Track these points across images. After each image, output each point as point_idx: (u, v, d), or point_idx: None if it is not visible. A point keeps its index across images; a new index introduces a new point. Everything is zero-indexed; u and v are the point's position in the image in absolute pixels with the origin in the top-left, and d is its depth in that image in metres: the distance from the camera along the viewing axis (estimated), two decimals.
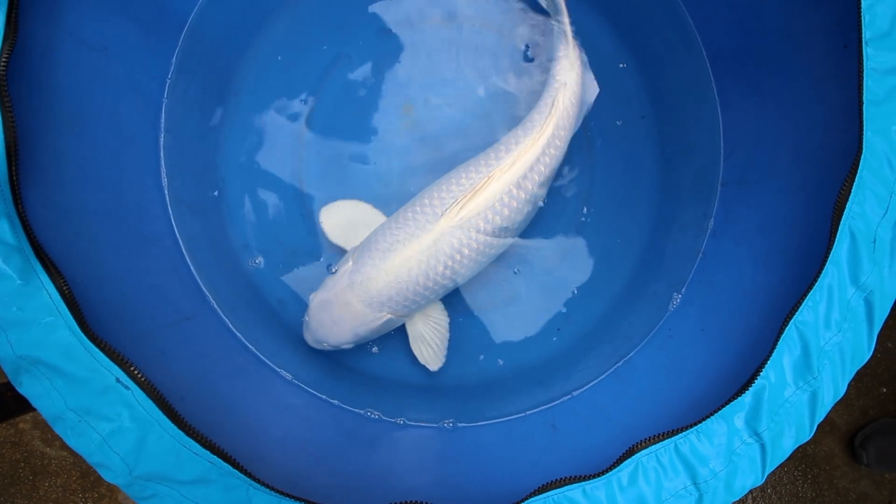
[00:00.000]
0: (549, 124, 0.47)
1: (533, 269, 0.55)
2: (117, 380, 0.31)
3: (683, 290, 0.54)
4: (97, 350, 0.31)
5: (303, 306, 0.53)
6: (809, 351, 0.35)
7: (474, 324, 0.55)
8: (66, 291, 0.32)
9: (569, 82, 0.49)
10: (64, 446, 0.78)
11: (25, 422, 0.76)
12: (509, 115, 0.56)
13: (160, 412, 0.31)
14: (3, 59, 0.33)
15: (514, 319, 0.55)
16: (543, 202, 0.52)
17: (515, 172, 0.46)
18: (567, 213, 0.56)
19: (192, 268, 0.51)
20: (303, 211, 0.54)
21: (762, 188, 0.50)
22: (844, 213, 0.36)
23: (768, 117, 0.50)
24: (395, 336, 0.53)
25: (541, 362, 0.56)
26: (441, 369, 0.52)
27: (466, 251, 0.46)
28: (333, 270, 0.48)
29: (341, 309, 0.46)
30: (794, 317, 0.35)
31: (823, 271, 0.35)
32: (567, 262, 0.56)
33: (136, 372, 0.31)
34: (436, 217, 0.45)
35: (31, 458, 0.79)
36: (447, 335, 0.51)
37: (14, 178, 0.33)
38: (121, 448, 0.31)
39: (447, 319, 0.51)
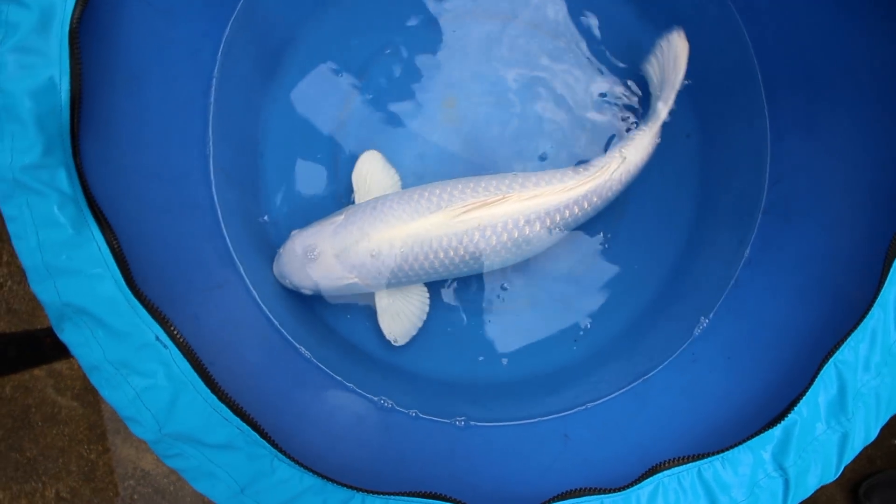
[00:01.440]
0: (585, 185, 0.47)
1: (558, 275, 0.55)
2: (157, 338, 0.31)
3: (711, 315, 0.54)
4: (140, 306, 0.31)
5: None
6: (846, 391, 0.34)
7: (489, 324, 0.54)
8: (116, 246, 0.32)
9: (630, 160, 0.48)
10: (75, 397, 0.79)
11: (41, 369, 0.77)
12: (553, 137, 0.55)
13: (195, 374, 0.31)
14: (77, 14, 0.33)
15: (533, 324, 0.55)
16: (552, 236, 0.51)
17: (530, 207, 0.45)
18: (598, 223, 0.55)
19: (226, 237, 0.52)
20: (336, 192, 0.55)
21: (806, 221, 0.50)
22: None
23: (820, 149, 0.49)
24: (419, 330, 0.53)
25: (556, 370, 0.55)
26: (454, 367, 0.52)
27: (451, 253, 0.45)
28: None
29: (314, 255, 0.46)
30: (835, 355, 0.34)
31: (870, 313, 0.34)
32: (593, 273, 0.56)
33: (175, 332, 0.31)
34: (437, 208, 0.45)
35: (42, 405, 0.81)
36: (422, 315, 0.51)
37: (75, 129, 0.33)
38: (153, 405, 0.31)
39: (425, 300, 0.51)
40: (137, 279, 0.33)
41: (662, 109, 0.49)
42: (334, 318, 0.54)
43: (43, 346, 0.37)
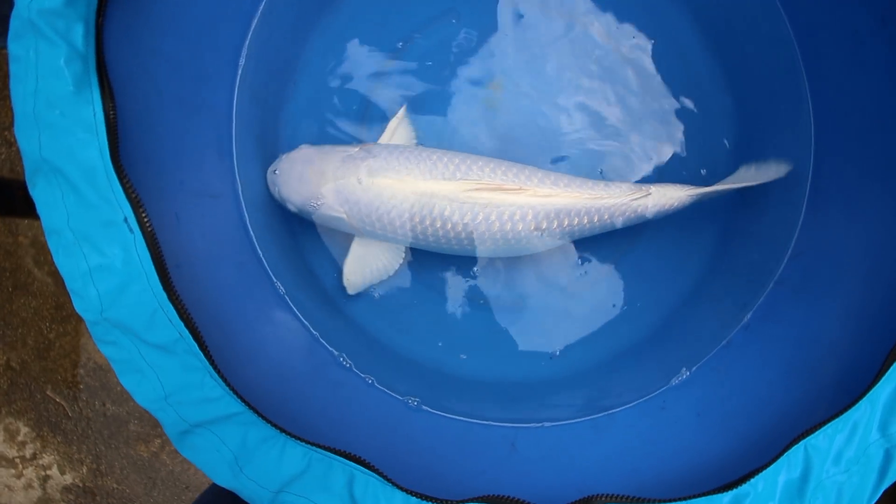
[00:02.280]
0: (601, 200, 0.45)
1: (554, 286, 0.53)
2: (125, 219, 0.30)
3: (694, 368, 0.52)
4: (117, 182, 0.30)
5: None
6: (809, 478, 0.32)
7: (464, 314, 0.53)
8: (112, 116, 0.31)
9: (652, 200, 0.46)
10: (51, 273, 0.79)
11: (26, 236, 0.77)
12: (582, 147, 0.53)
13: (152, 266, 0.30)
14: None
15: (511, 329, 0.53)
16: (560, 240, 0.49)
17: (542, 204, 0.44)
18: (609, 247, 0.53)
19: (234, 152, 0.50)
20: (357, 140, 0.53)
21: (817, 300, 0.47)
22: None
23: (853, 232, 0.47)
24: (403, 303, 0.51)
25: (522, 381, 0.54)
26: (416, 345, 0.50)
27: (448, 226, 0.44)
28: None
29: (315, 175, 0.44)
30: (809, 438, 0.32)
31: (857, 405, 0.32)
32: (590, 295, 0.54)
33: (145, 219, 0.30)
34: (451, 177, 0.43)
35: (17, 271, 0.80)
36: (384, 274, 0.49)
37: None
38: (102, 285, 0.30)
39: (397, 262, 0.49)
40: (126, 160, 0.32)
41: (715, 189, 0.48)
42: (318, 263, 0.53)
43: (14, 198, 0.36)
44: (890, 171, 0.45)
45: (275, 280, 0.50)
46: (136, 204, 0.30)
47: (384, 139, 0.50)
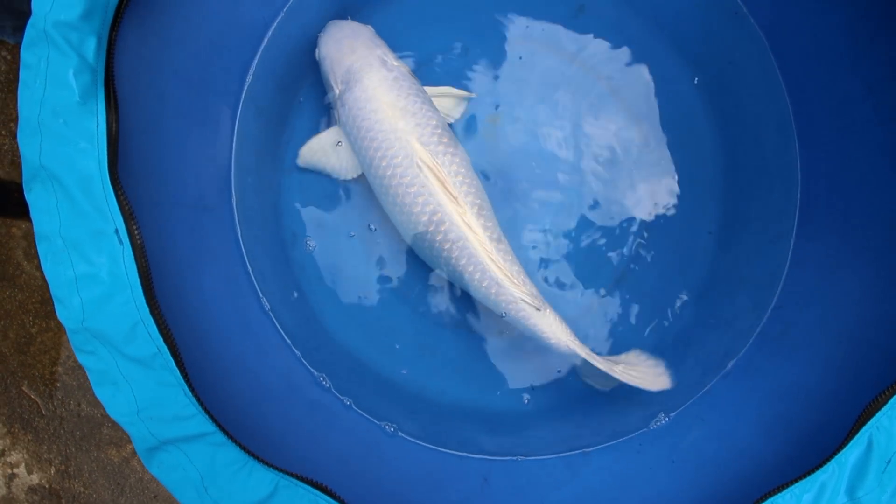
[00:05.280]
0: (505, 280, 0.45)
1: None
2: (116, 230, 0.30)
3: (672, 415, 0.52)
4: (112, 192, 0.30)
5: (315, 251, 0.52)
6: None
7: (444, 338, 0.53)
8: (114, 129, 0.32)
9: (540, 317, 0.46)
10: (39, 267, 0.78)
11: (19, 228, 0.77)
12: (567, 189, 0.54)
13: (138, 279, 0.30)
14: None
15: (492, 356, 0.53)
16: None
17: (465, 223, 0.45)
18: (586, 294, 0.54)
19: (232, 163, 0.51)
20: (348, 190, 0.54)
21: (797, 353, 0.48)
22: (872, 419, 0.33)
23: (833, 292, 0.48)
24: (388, 326, 0.52)
25: (497, 413, 0.54)
26: (394, 367, 0.50)
27: (400, 175, 0.45)
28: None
29: (350, 45, 0.47)
30: (776, 496, 0.32)
31: (825, 466, 0.33)
32: (579, 330, 0.54)
33: (136, 232, 0.31)
34: (432, 152, 0.45)
35: (6, 263, 0.80)
36: (333, 170, 0.51)
37: (122, 4, 0.33)
38: (86, 293, 0.30)
39: (350, 175, 0.50)
40: (126, 169, 0.33)
41: (593, 360, 0.46)
42: (306, 280, 0.53)
43: (10, 200, 0.36)
44: (870, 233, 0.46)
45: (261, 295, 0.50)
46: (129, 217, 0.31)
47: (433, 90, 0.51)
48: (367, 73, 0.46)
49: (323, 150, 0.50)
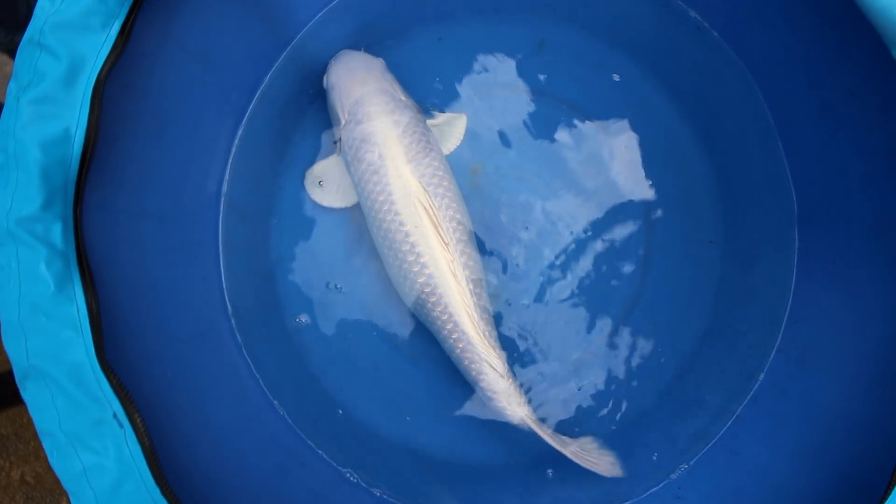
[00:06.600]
0: (476, 339, 0.46)
1: (547, 354, 0.53)
2: (114, 415, 0.30)
3: (704, 449, 0.51)
4: (104, 379, 0.31)
5: (320, 333, 0.52)
6: None
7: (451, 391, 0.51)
8: (94, 309, 0.32)
9: (510, 411, 0.46)
10: None
11: None
12: (568, 224, 0.54)
13: (144, 461, 0.30)
14: (108, 68, 0.33)
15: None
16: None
17: (440, 247, 0.46)
18: (583, 328, 0.53)
19: (223, 275, 0.51)
20: (347, 237, 0.54)
21: (822, 371, 0.46)
22: None
23: (848, 306, 0.46)
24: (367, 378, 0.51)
25: (480, 466, 0.52)
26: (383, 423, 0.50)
27: (393, 216, 0.46)
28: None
29: (363, 74, 0.48)
30: None
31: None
32: (577, 370, 0.53)
33: (134, 412, 0.31)
34: (431, 195, 0.46)
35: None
36: (327, 199, 0.52)
37: (81, 181, 0.33)
38: (97, 484, 0.30)
39: (343, 203, 0.51)
40: (113, 339, 0.33)
41: (548, 438, 0.46)
42: (318, 368, 0.52)
43: (8, 389, 0.36)
44: (872, 250, 0.45)
45: (272, 400, 0.50)
46: (125, 398, 0.31)
47: (437, 119, 0.52)
48: (376, 107, 0.46)
49: (322, 176, 0.52)
